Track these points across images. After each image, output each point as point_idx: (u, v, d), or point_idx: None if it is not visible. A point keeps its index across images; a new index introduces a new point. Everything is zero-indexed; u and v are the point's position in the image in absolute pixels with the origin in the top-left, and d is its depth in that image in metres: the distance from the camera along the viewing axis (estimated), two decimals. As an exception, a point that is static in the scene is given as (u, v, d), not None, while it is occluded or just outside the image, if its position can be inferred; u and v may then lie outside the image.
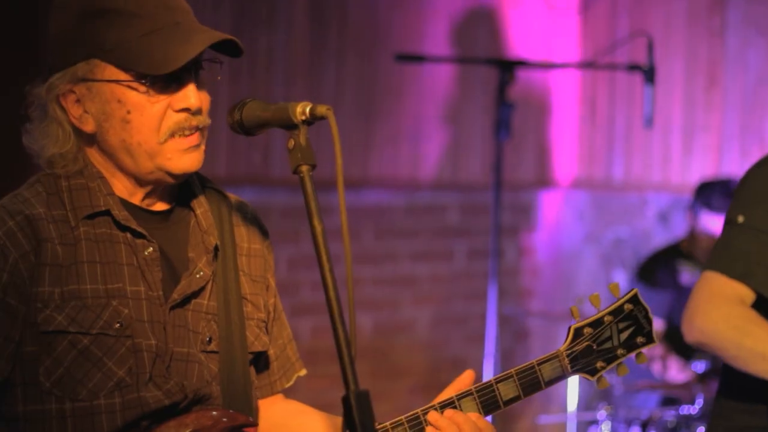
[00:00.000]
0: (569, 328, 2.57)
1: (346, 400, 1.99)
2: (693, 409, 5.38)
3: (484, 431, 2.45)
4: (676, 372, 5.78)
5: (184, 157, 2.32)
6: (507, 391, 2.51)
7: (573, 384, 5.77)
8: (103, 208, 2.32)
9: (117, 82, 2.27)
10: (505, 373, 2.52)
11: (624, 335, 2.59)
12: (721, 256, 3.15)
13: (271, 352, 2.55)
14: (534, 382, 2.52)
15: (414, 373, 6.52)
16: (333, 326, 2.03)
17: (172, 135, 2.30)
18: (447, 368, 6.63)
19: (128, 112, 2.28)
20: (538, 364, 2.52)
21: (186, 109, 2.30)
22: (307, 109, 2.16)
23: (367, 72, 6.19)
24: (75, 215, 2.31)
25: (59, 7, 2.32)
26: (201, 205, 2.43)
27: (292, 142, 2.16)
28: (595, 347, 2.57)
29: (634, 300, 2.60)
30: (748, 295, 3.11)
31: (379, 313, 6.37)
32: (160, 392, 2.29)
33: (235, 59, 2.38)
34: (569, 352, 2.55)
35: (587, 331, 2.57)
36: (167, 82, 2.28)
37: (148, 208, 2.38)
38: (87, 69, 2.28)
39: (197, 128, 2.33)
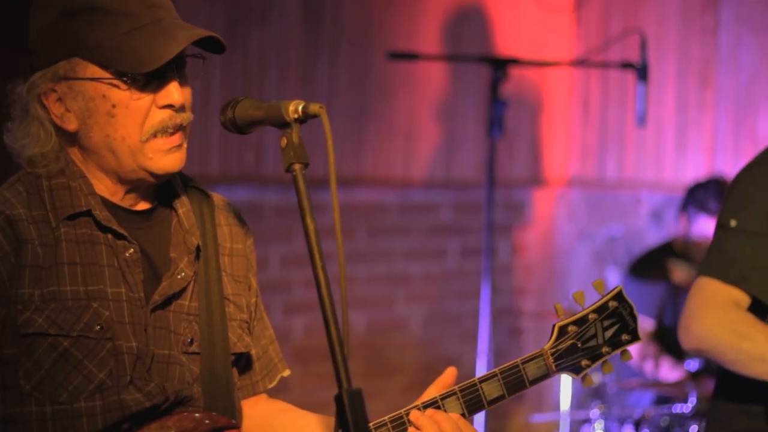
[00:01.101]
0: (553, 326, 2.57)
1: (339, 399, 1.99)
2: (686, 407, 5.38)
3: (464, 430, 2.45)
4: (668, 371, 5.78)
5: (165, 158, 2.31)
6: (491, 390, 2.51)
7: (566, 383, 5.76)
8: (84, 208, 2.31)
9: (98, 80, 2.26)
10: (489, 372, 2.52)
11: (609, 333, 2.58)
12: (715, 262, 3.14)
13: (253, 352, 2.53)
14: (518, 381, 2.52)
15: (407, 372, 6.52)
16: (326, 325, 2.03)
17: (154, 135, 2.29)
18: (440, 366, 6.60)
19: (113, 107, 2.27)
20: (522, 363, 2.52)
21: (169, 106, 2.30)
22: (300, 108, 2.15)
23: (360, 70, 6.18)
24: (56, 216, 2.30)
25: (40, 6, 2.31)
26: (183, 205, 2.42)
27: (284, 141, 2.15)
28: (579, 345, 2.56)
29: (619, 297, 2.60)
30: (743, 299, 3.10)
31: (373, 312, 6.37)
32: (141, 394, 2.28)
33: (229, 57, 2.38)
34: (553, 350, 2.55)
35: (571, 329, 2.57)
36: (149, 79, 2.28)
37: (130, 207, 2.37)
38: (68, 68, 2.27)
39: (180, 126, 2.32)
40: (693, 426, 5.33)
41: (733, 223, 3.15)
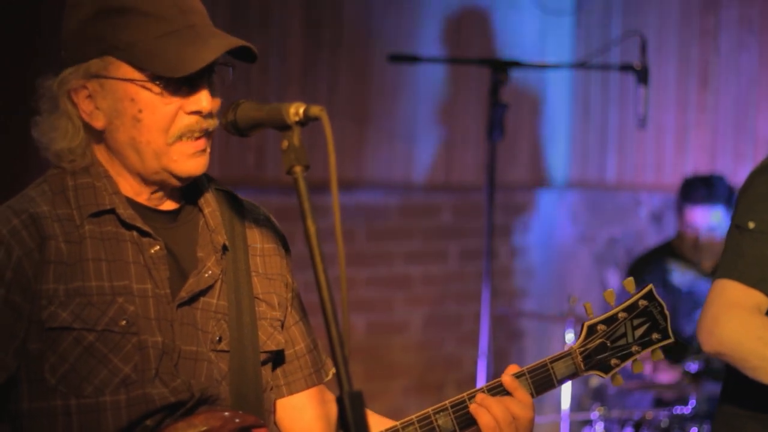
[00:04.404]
0: (582, 325, 2.56)
1: (340, 401, 2.00)
2: (686, 409, 5.39)
3: (529, 414, 2.46)
4: (665, 373, 5.79)
5: (189, 161, 2.33)
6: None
7: (566, 384, 5.77)
8: (108, 207, 2.33)
9: (131, 81, 2.28)
10: (517, 371, 2.51)
11: (639, 332, 2.57)
12: (735, 263, 3.11)
13: (302, 345, 2.55)
14: (546, 381, 2.52)
15: (407, 374, 6.52)
16: (326, 326, 2.03)
17: (180, 137, 2.31)
18: (440, 369, 6.63)
19: (140, 111, 2.29)
20: (551, 362, 2.52)
21: (197, 112, 2.32)
22: (301, 110, 2.15)
23: (361, 73, 6.19)
24: (80, 213, 2.32)
25: (74, 3, 2.33)
26: (209, 205, 2.44)
27: (285, 143, 2.15)
28: (609, 344, 2.55)
29: (649, 296, 2.59)
30: (764, 301, 3.07)
31: (373, 314, 6.37)
32: (167, 389, 2.30)
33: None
34: (582, 349, 2.54)
35: (601, 328, 2.56)
36: (180, 85, 2.30)
37: (156, 207, 2.39)
38: (101, 66, 2.28)
39: (206, 132, 2.34)
40: (693, 428, 5.34)
41: (751, 224, 3.12)
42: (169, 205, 2.41)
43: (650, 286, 2.61)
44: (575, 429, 5.98)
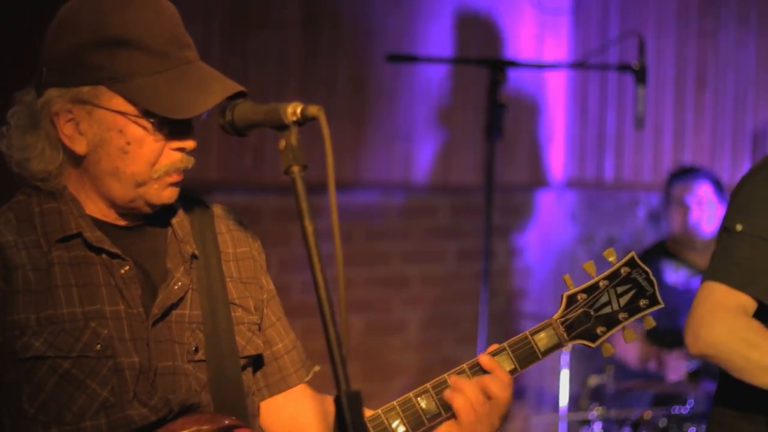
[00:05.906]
0: (562, 296, 2.55)
1: (337, 401, 1.99)
2: (684, 409, 5.39)
3: (508, 392, 2.46)
4: (673, 368, 5.77)
5: (165, 192, 2.33)
6: (502, 365, 2.50)
7: (564, 384, 5.77)
8: (75, 231, 2.31)
9: (123, 114, 2.26)
10: (497, 347, 2.51)
11: (624, 299, 2.55)
12: (722, 266, 3.12)
13: (280, 346, 2.55)
14: (529, 353, 2.51)
15: (405, 374, 6.52)
16: (324, 326, 2.02)
17: (167, 172, 2.31)
18: (438, 369, 6.61)
19: (128, 143, 2.27)
20: (531, 334, 2.52)
21: (182, 149, 2.32)
22: (298, 110, 2.14)
23: (359, 72, 6.18)
24: (47, 240, 2.31)
25: (71, 25, 2.29)
26: (177, 215, 2.43)
27: (283, 143, 2.14)
28: (592, 313, 2.53)
29: (632, 263, 2.58)
30: (750, 304, 3.09)
31: (371, 314, 6.37)
32: (146, 409, 2.28)
33: (227, 59, 2.40)
34: (563, 319, 2.53)
35: (581, 297, 2.54)
36: (172, 122, 2.29)
37: (123, 225, 2.38)
38: (92, 94, 2.26)
39: (185, 169, 2.35)
40: (691, 428, 5.34)
41: (739, 227, 3.13)
42: (136, 221, 2.40)
43: (632, 253, 2.60)
44: (573, 429, 5.98)
